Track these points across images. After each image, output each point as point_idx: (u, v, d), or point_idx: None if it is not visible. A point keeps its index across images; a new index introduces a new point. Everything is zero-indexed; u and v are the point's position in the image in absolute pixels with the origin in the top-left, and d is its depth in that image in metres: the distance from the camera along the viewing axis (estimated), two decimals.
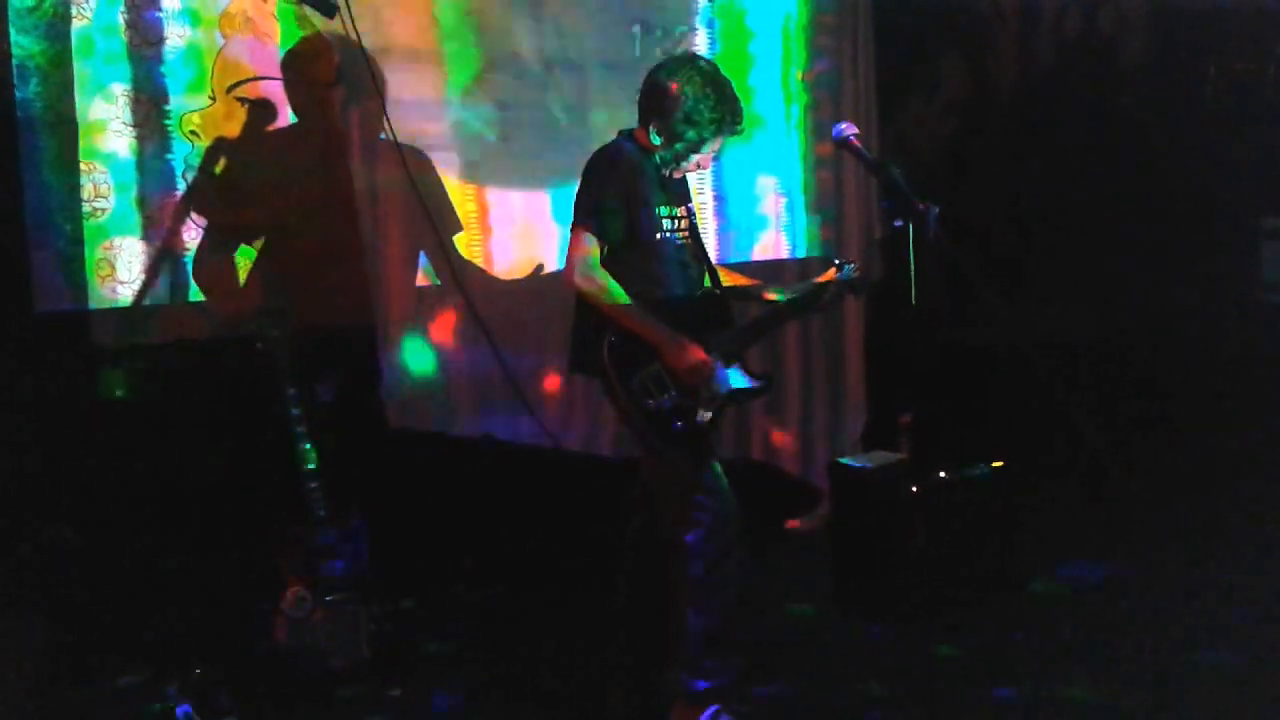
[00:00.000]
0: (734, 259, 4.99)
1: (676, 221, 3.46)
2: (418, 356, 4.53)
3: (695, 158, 3.42)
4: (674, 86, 3.35)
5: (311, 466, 3.79)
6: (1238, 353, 5.23)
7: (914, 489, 3.80)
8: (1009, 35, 5.82)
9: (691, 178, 3.59)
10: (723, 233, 5.13)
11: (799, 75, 5.19)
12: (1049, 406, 5.18)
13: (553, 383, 4.65)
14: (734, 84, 3.42)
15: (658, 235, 3.39)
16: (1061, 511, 5.04)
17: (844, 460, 4.47)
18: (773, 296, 3.67)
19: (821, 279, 3.66)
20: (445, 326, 4.55)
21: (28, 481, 3.92)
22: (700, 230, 3.62)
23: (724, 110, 3.35)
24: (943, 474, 4.20)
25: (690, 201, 3.60)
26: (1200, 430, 5.14)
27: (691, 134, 3.36)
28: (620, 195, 3.33)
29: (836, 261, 3.68)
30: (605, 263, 3.32)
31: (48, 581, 3.91)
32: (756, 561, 3.61)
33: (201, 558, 4.08)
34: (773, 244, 5.26)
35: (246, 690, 3.66)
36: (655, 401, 3.30)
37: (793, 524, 5.16)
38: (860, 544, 4.28)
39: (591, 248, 3.30)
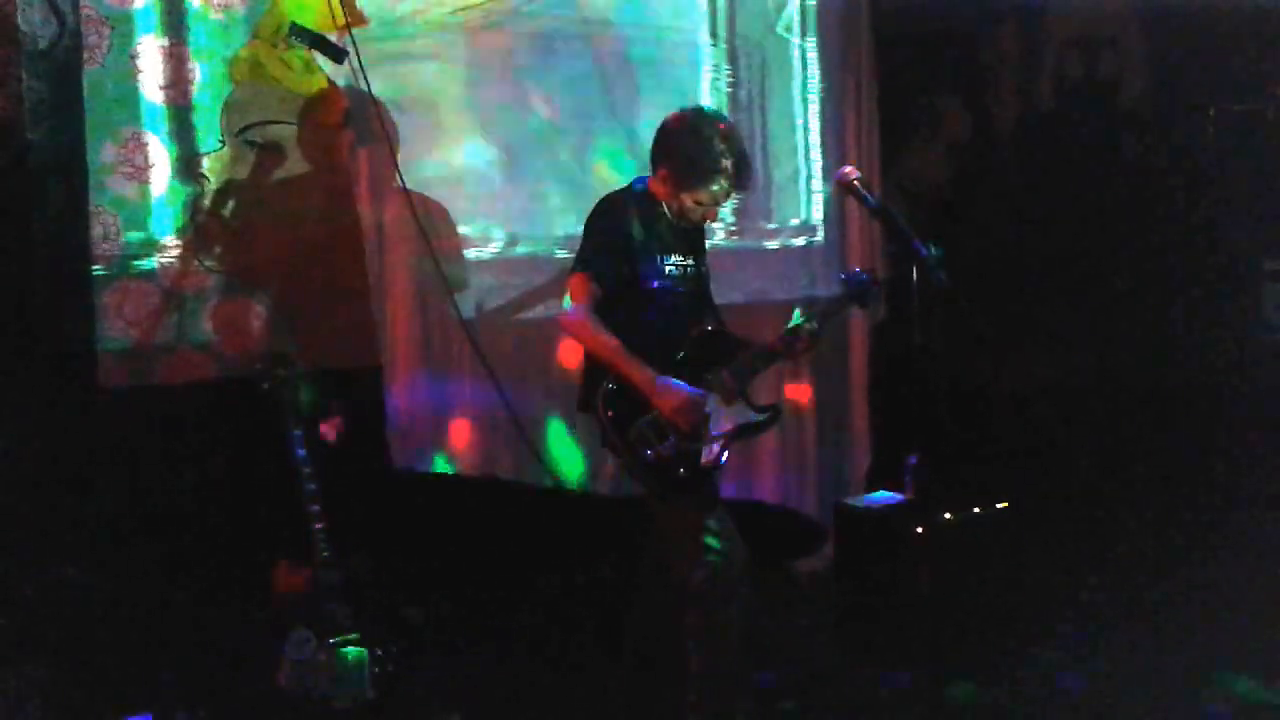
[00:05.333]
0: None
1: (683, 270, 3.47)
2: (422, 397, 4.54)
3: (700, 209, 3.44)
4: (681, 137, 3.38)
5: (316, 507, 3.79)
6: (1240, 394, 5.22)
7: (919, 530, 3.79)
8: (1011, 77, 5.87)
9: None
10: None
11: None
12: (1052, 447, 5.18)
13: (556, 422, 4.66)
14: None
15: (656, 284, 3.40)
16: (1065, 552, 5.03)
17: (849, 500, 4.47)
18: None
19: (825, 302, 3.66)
20: (450, 367, 4.57)
21: (32, 521, 3.92)
22: (709, 279, 3.63)
23: (727, 165, 3.36)
24: (948, 515, 4.20)
25: (703, 250, 3.61)
26: (1203, 470, 5.13)
27: (694, 186, 3.38)
28: (620, 241, 3.35)
29: (843, 277, 3.69)
30: (600, 308, 3.33)
31: (52, 622, 3.91)
32: (761, 603, 3.61)
33: (205, 598, 4.07)
34: None
35: None
36: (654, 451, 3.30)
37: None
38: (864, 585, 4.27)
39: (583, 291, 3.31)
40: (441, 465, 4.54)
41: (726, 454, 3.41)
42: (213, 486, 4.16)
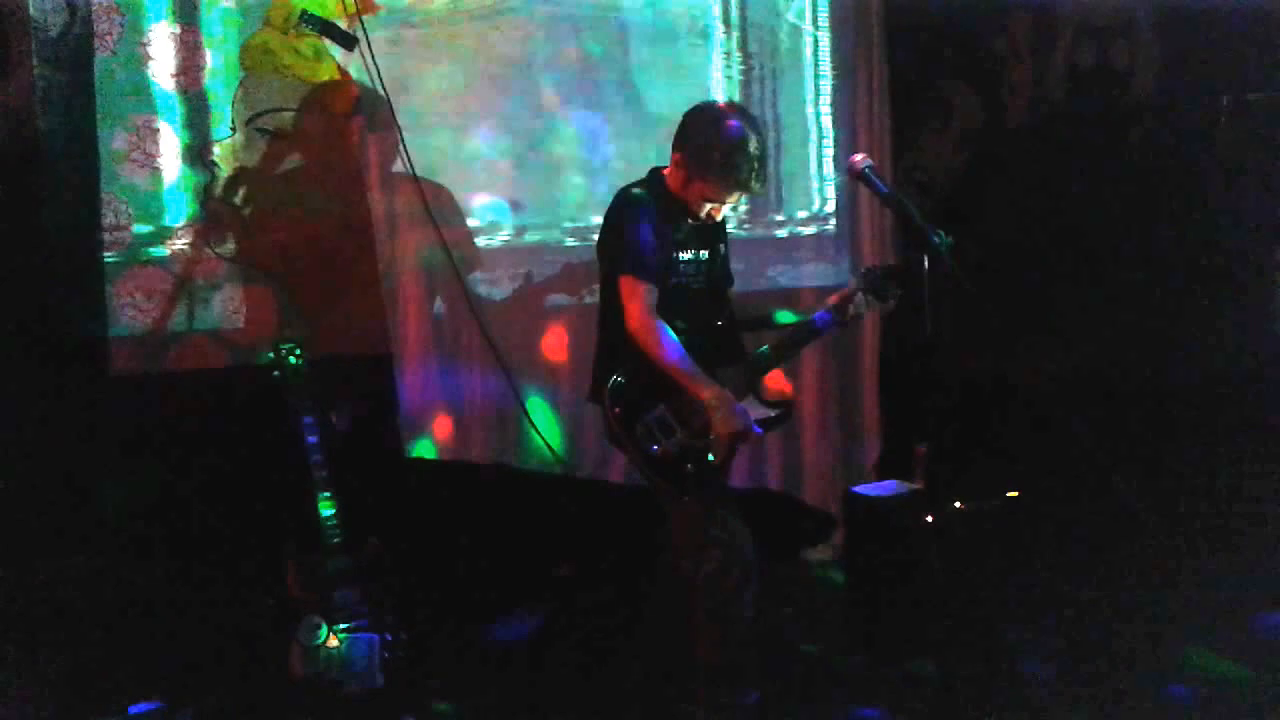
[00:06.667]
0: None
1: (696, 265, 3.46)
2: (432, 384, 4.54)
3: (710, 205, 3.42)
4: (701, 133, 3.36)
5: (326, 494, 3.80)
6: (1251, 385, 5.21)
7: (929, 519, 3.79)
8: (1022, 68, 5.85)
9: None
10: None
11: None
12: (1063, 438, 5.16)
13: (566, 410, 4.66)
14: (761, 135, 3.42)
15: (672, 281, 3.39)
16: (1075, 543, 5.02)
17: (859, 489, 4.47)
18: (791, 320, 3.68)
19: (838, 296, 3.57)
20: (460, 355, 4.57)
21: (43, 509, 3.93)
22: (724, 271, 3.62)
23: (743, 165, 3.34)
24: (958, 504, 4.19)
25: (721, 241, 3.59)
26: (1213, 462, 5.11)
27: (708, 182, 3.36)
28: (654, 239, 3.33)
29: (863, 271, 3.64)
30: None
31: (62, 609, 3.92)
32: (770, 593, 3.61)
33: (216, 585, 4.08)
34: None
35: (260, 718, 3.66)
36: (661, 447, 3.29)
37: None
38: (874, 574, 4.27)
39: (642, 296, 3.29)
40: (451, 453, 4.54)
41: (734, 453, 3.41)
42: (223, 474, 4.17)
